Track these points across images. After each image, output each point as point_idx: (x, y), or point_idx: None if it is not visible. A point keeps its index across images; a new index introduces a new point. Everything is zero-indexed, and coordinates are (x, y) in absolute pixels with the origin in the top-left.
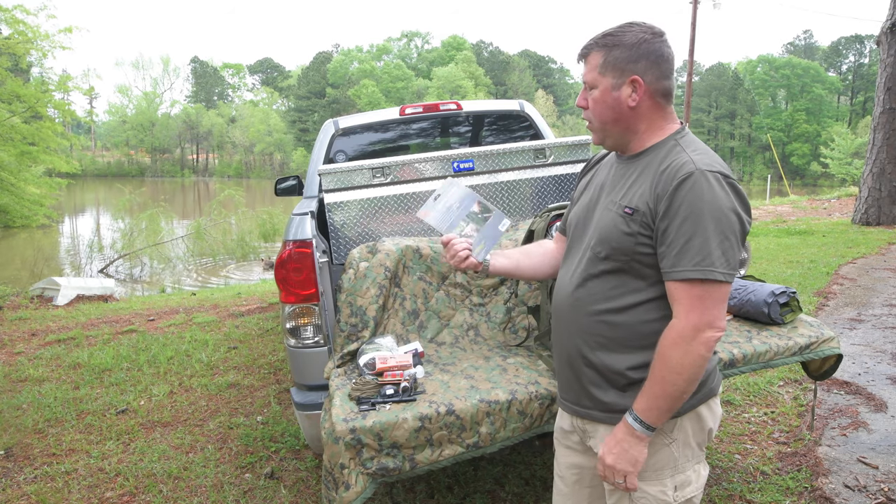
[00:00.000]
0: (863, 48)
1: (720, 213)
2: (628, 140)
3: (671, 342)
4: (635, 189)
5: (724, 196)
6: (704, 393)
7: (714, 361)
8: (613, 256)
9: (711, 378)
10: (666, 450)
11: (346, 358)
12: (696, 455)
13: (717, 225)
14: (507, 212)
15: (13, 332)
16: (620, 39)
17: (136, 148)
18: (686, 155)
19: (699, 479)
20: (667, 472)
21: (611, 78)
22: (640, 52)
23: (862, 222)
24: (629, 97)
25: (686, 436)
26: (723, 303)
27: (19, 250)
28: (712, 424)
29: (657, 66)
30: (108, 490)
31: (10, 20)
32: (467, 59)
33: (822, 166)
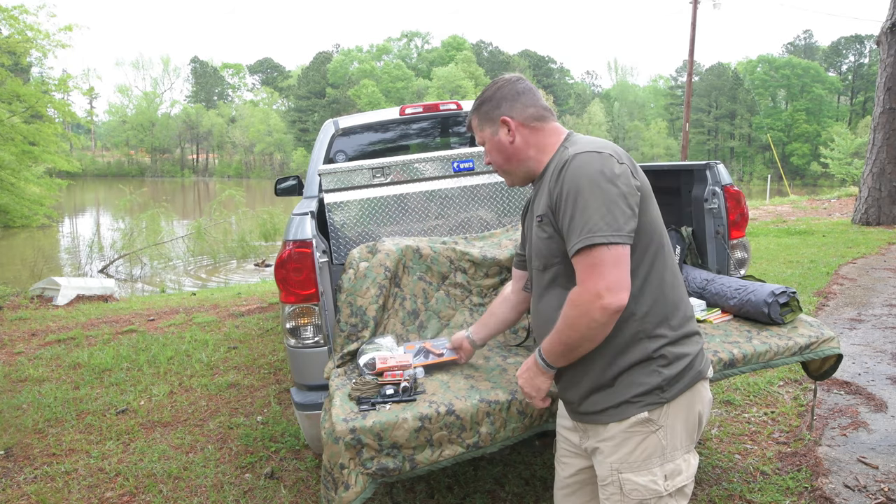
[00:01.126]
0: (863, 48)
1: (594, 182)
2: (529, 169)
3: (570, 303)
4: (540, 197)
5: (597, 166)
6: (691, 377)
7: (696, 344)
8: (548, 265)
9: (696, 362)
10: (653, 437)
11: (346, 358)
12: (685, 444)
13: (593, 193)
14: (507, 212)
15: (13, 332)
16: (482, 98)
17: (136, 148)
18: (568, 151)
19: (689, 468)
20: (655, 461)
21: (488, 129)
22: (499, 97)
23: (862, 222)
24: (507, 136)
25: (673, 422)
26: (617, 266)
27: (19, 250)
28: (701, 408)
29: (517, 101)
30: (108, 490)
31: (10, 19)
32: (467, 59)
33: (822, 166)
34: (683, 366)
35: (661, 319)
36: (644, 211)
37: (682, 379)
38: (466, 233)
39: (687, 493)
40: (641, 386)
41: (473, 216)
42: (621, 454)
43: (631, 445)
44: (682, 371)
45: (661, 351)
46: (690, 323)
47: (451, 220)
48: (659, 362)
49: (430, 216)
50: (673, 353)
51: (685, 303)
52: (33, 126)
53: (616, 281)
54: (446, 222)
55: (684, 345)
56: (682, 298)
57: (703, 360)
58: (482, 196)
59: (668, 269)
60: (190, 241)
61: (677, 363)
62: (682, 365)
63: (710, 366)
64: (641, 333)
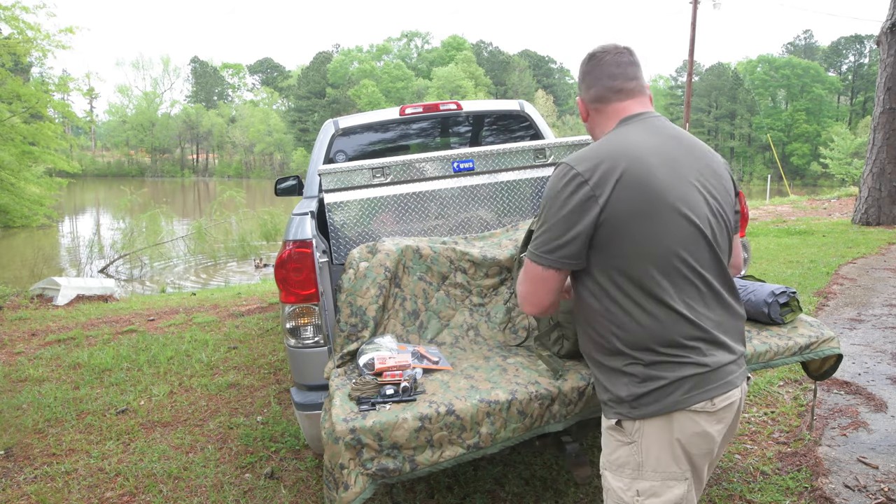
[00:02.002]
0: (863, 48)
1: (546, 200)
2: None
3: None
4: None
5: (553, 184)
6: (667, 403)
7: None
8: None
9: (679, 391)
10: (625, 448)
11: (346, 358)
12: (668, 469)
13: (544, 210)
14: (507, 212)
15: (13, 332)
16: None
17: (136, 148)
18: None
19: (671, 497)
20: (627, 472)
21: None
22: (580, 75)
23: (862, 222)
24: (582, 116)
25: (648, 443)
26: (533, 281)
27: (19, 250)
28: (681, 438)
29: (584, 82)
30: (108, 490)
31: (10, 18)
32: (467, 59)
33: (821, 166)
34: (654, 387)
35: (635, 342)
36: (615, 236)
37: (652, 402)
38: (466, 233)
39: None
40: (613, 394)
41: (473, 216)
42: (605, 451)
43: (611, 447)
44: (651, 392)
45: (630, 369)
46: (680, 349)
47: (451, 220)
48: (629, 378)
49: (431, 216)
50: (644, 373)
51: (677, 329)
52: (33, 126)
53: (527, 293)
54: (446, 222)
55: (662, 368)
56: (672, 326)
57: (686, 390)
58: (482, 196)
59: (653, 298)
60: (190, 241)
61: (648, 383)
62: (653, 386)
63: (709, 398)
64: (615, 350)
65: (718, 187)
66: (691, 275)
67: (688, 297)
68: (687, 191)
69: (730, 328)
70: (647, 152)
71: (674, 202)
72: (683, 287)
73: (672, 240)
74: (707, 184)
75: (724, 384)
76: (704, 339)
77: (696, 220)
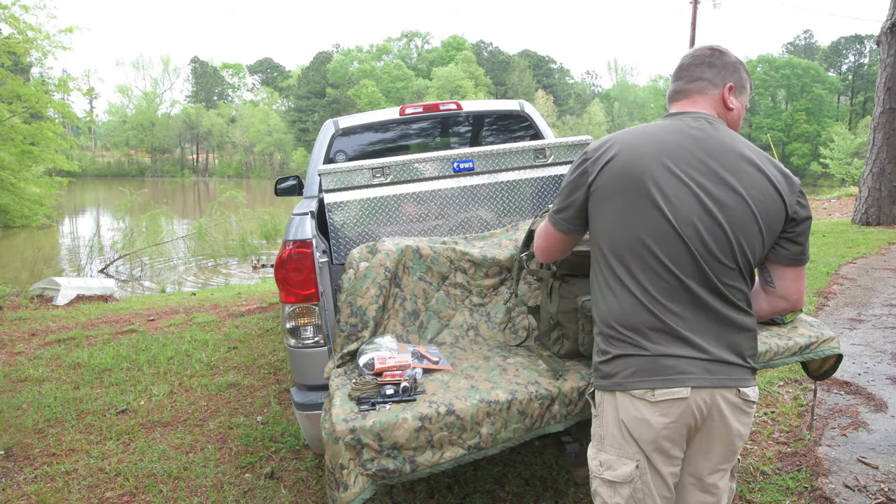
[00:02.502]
0: (863, 48)
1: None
2: None
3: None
4: None
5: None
6: (610, 382)
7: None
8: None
9: (620, 373)
10: (595, 421)
11: (346, 358)
12: (622, 448)
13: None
14: (507, 212)
15: (13, 332)
16: None
17: (136, 148)
18: None
19: (624, 473)
20: (594, 442)
21: None
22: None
23: (862, 222)
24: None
25: (607, 417)
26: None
27: (19, 250)
28: (625, 418)
29: (673, 78)
30: (108, 490)
31: (10, 18)
32: (467, 59)
33: (822, 166)
34: (606, 359)
35: (601, 316)
36: (596, 211)
37: (604, 376)
38: (466, 233)
39: (623, 493)
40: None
41: (473, 216)
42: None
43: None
44: (604, 363)
45: (597, 339)
46: (634, 333)
47: (451, 220)
48: (596, 347)
49: (430, 216)
50: (603, 347)
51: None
52: (34, 126)
53: (537, 244)
54: (446, 222)
55: (614, 346)
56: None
57: (629, 374)
58: (482, 196)
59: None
60: (190, 241)
61: (603, 356)
62: (605, 358)
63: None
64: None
65: (734, 199)
66: (658, 266)
67: (651, 286)
68: (673, 187)
69: (705, 330)
70: (647, 143)
71: (651, 193)
72: (649, 276)
73: (641, 228)
74: (712, 190)
75: (670, 379)
76: (660, 329)
77: (672, 217)
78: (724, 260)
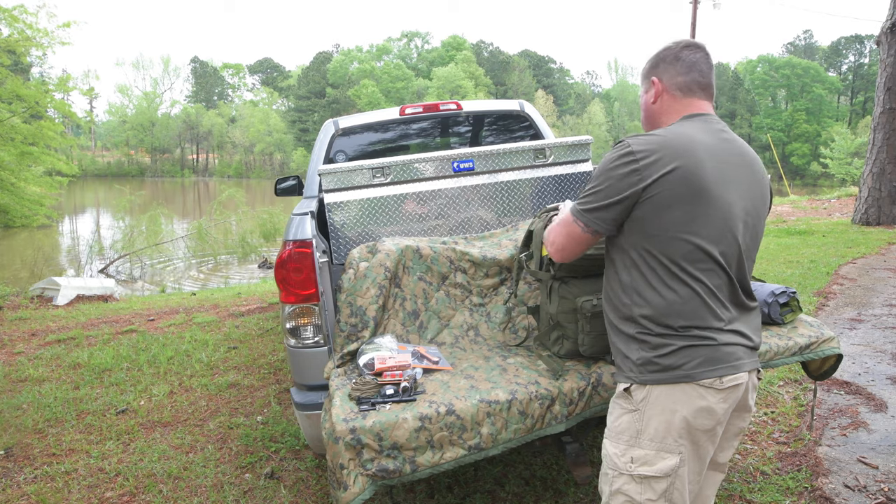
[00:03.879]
0: (863, 48)
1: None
2: None
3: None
4: None
5: (610, 156)
6: (675, 375)
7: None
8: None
9: (688, 363)
10: (628, 416)
11: (346, 358)
12: (663, 441)
13: (593, 177)
14: (507, 212)
15: (13, 332)
16: (652, 55)
17: (136, 148)
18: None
19: (664, 466)
20: (624, 438)
21: (643, 85)
22: (659, 57)
23: (862, 222)
24: (651, 96)
25: (651, 412)
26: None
27: (19, 250)
28: (685, 413)
29: (673, 65)
30: (108, 490)
31: (11, 19)
32: (467, 59)
33: (822, 166)
34: (664, 352)
35: (654, 315)
36: (653, 216)
37: (662, 369)
38: (466, 233)
39: (657, 489)
40: (626, 357)
41: (473, 216)
42: (609, 419)
43: (615, 414)
44: (662, 357)
45: (643, 336)
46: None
47: (451, 220)
48: (639, 342)
49: (430, 216)
50: (655, 341)
51: (695, 309)
52: (34, 126)
53: (555, 243)
54: (446, 222)
55: (674, 339)
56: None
57: (697, 364)
58: (482, 196)
59: (679, 278)
60: (190, 241)
61: (659, 349)
62: (664, 352)
63: (718, 376)
64: (632, 318)
65: (757, 194)
66: (715, 266)
67: (710, 283)
68: (729, 194)
69: (746, 321)
70: (702, 150)
71: (714, 200)
72: (708, 274)
73: (703, 232)
74: (749, 189)
75: (733, 366)
76: (721, 319)
77: (730, 222)
78: (752, 257)
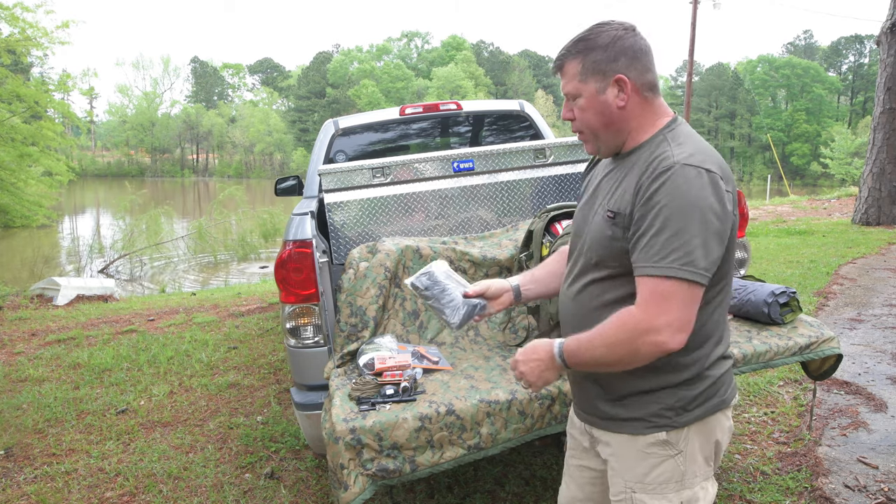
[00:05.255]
0: (863, 48)
1: (695, 210)
2: (622, 142)
3: (619, 323)
4: (621, 190)
5: (702, 192)
6: (713, 404)
7: (724, 367)
8: (604, 263)
9: (722, 389)
10: (671, 462)
11: (346, 358)
12: (704, 471)
13: (691, 222)
14: (507, 212)
15: (13, 332)
16: (595, 42)
17: (136, 148)
18: (670, 149)
19: (707, 496)
20: (671, 487)
21: (594, 83)
22: (617, 49)
23: (862, 222)
24: (617, 98)
25: (693, 449)
26: (689, 306)
27: (19, 250)
28: (720, 437)
29: (638, 61)
30: (108, 490)
31: (10, 18)
32: (467, 59)
33: (822, 166)
34: (703, 388)
35: (694, 348)
36: (729, 247)
37: (702, 403)
38: (466, 233)
39: None
40: (653, 405)
41: (473, 216)
42: (637, 473)
43: (647, 466)
44: (701, 394)
45: (680, 377)
46: (719, 349)
47: (451, 220)
48: (677, 383)
49: (431, 216)
50: (708, 374)
51: (724, 331)
52: (34, 126)
53: (681, 321)
54: (446, 222)
55: (717, 368)
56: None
57: (729, 388)
58: (482, 196)
59: (725, 301)
60: (190, 241)
61: (698, 384)
62: (703, 387)
63: (737, 393)
64: (668, 362)
65: None
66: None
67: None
68: None
69: None
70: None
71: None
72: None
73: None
74: None
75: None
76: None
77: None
78: None
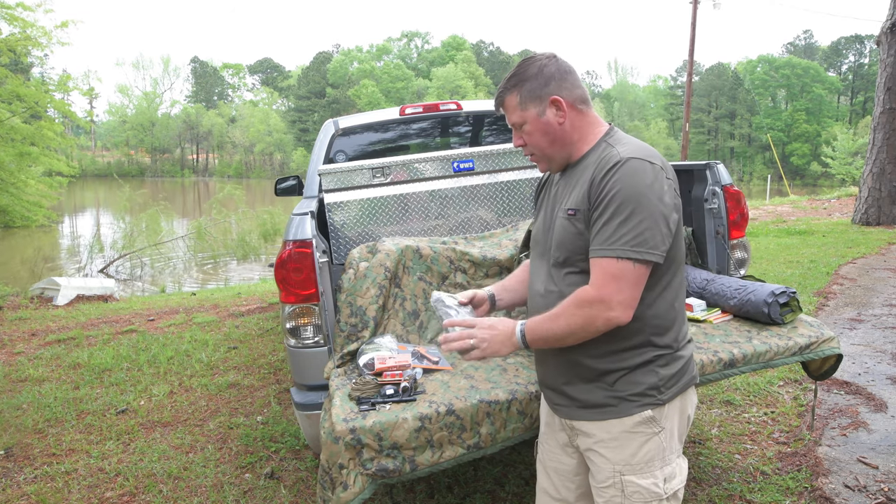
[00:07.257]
0: (863, 48)
1: (643, 197)
2: (569, 155)
3: (577, 301)
4: (577, 191)
5: (648, 180)
6: (686, 381)
7: (691, 348)
8: (570, 260)
9: (691, 366)
10: (655, 440)
11: (346, 358)
12: (677, 447)
13: (640, 205)
14: (507, 212)
15: (13, 332)
16: (525, 74)
17: (136, 148)
18: (615, 149)
19: (682, 471)
20: (656, 464)
21: (533, 108)
22: (546, 75)
23: (862, 222)
24: (556, 116)
25: (672, 425)
26: (636, 285)
27: (19, 250)
28: (690, 411)
29: (565, 80)
30: (108, 490)
31: (11, 18)
32: (467, 59)
33: (822, 166)
34: (679, 367)
35: (667, 330)
36: (677, 228)
37: (678, 381)
38: (466, 233)
39: (679, 497)
40: (639, 385)
41: (473, 216)
42: (624, 455)
43: (634, 446)
44: (677, 373)
45: (660, 357)
46: (686, 330)
47: (451, 220)
48: (658, 363)
49: (431, 216)
50: (679, 355)
51: (685, 313)
52: (34, 126)
53: (630, 299)
54: (446, 222)
55: (686, 349)
56: (684, 309)
57: (694, 366)
58: (482, 196)
59: (683, 283)
60: (190, 240)
61: (674, 364)
62: (678, 367)
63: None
64: (647, 342)
65: None
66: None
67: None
68: None
69: None
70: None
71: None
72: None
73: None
74: None
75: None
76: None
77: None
78: None
